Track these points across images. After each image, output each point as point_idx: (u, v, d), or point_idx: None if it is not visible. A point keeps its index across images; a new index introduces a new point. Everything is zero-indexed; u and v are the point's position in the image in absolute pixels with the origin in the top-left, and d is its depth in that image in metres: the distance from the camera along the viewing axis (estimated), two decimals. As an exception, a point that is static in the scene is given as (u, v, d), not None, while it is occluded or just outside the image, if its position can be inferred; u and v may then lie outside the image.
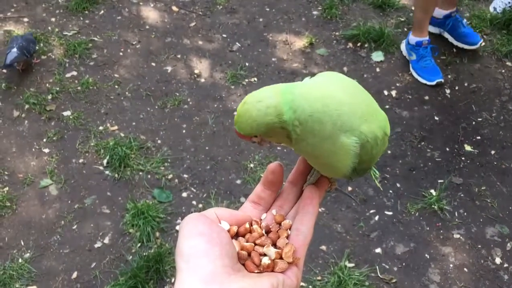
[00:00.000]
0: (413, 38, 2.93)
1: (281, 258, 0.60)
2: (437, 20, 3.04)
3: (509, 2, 3.22)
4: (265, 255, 0.60)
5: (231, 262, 0.56)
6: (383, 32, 3.10)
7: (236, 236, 0.62)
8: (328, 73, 0.68)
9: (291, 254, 0.60)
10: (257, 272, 0.58)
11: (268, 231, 0.64)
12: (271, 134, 0.62)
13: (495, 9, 3.24)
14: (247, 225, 0.63)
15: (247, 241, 0.61)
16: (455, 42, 3.05)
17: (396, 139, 2.66)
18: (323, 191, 0.70)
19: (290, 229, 0.64)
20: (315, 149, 0.63)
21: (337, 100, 0.62)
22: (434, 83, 2.87)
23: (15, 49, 2.77)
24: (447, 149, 2.63)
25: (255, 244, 0.61)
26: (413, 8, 3.30)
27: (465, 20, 3.09)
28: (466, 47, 3.02)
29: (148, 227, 2.27)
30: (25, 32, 3.08)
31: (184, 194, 2.44)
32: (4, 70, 2.90)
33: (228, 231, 0.61)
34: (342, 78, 0.67)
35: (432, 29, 3.09)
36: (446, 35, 3.08)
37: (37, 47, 2.95)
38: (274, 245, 0.62)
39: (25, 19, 3.20)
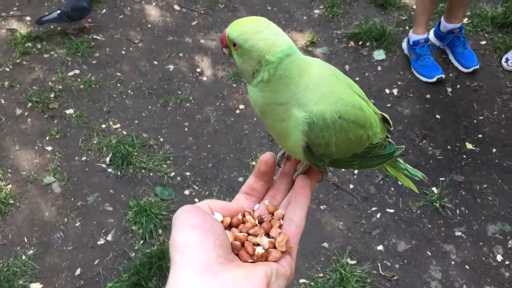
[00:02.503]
0: (412, 36, 2.94)
1: (274, 247, 0.61)
2: (440, 33, 3.03)
3: None
4: (258, 245, 0.61)
5: (225, 252, 0.56)
6: (385, 30, 3.11)
7: (229, 227, 0.63)
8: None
9: (284, 243, 0.61)
10: (251, 262, 0.59)
11: (261, 221, 0.65)
12: (248, 56, 0.64)
13: (507, 60, 3.00)
14: (240, 216, 0.64)
15: (240, 232, 0.62)
16: (452, 59, 3.02)
17: (398, 137, 2.67)
18: (315, 181, 0.71)
19: (282, 219, 0.65)
20: (268, 108, 0.65)
21: (310, 77, 0.64)
22: (434, 79, 2.87)
23: (57, 13, 2.97)
24: (449, 147, 2.64)
25: (248, 234, 0.62)
26: (414, 7, 3.30)
27: (468, 43, 3.02)
28: (460, 67, 2.99)
29: (150, 224, 2.29)
30: None
31: (187, 192, 2.45)
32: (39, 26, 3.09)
33: (222, 222, 0.62)
34: (326, 64, 0.70)
35: (435, 41, 3.08)
36: (447, 50, 3.06)
37: (85, 14, 3.05)
38: (267, 235, 0.63)
39: (28, 18, 3.22)
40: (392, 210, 2.41)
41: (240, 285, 0.53)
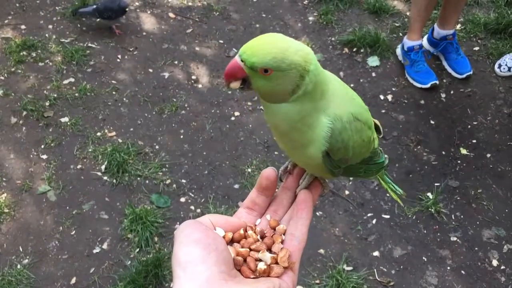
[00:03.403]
0: (406, 42, 2.96)
1: (276, 263, 0.61)
2: (433, 40, 3.06)
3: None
4: (260, 260, 0.61)
5: (227, 268, 0.56)
6: (379, 37, 3.13)
7: (231, 242, 0.63)
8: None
9: (287, 259, 0.61)
10: (253, 278, 0.59)
11: (263, 236, 0.65)
12: (288, 75, 0.61)
13: (500, 66, 3.01)
14: (242, 231, 0.64)
15: (242, 247, 0.62)
16: (445, 65, 3.05)
17: (393, 143, 2.68)
18: (316, 195, 0.71)
19: (284, 234, 0.65)
20: (300, 120, 0.65)
21: (333, 78, 0.67)
22: (428, 85, 2.89)
23: (92, 7, 3.07)
24: (443, 152, 2.65)
25: (251, 250, 0.62)
26: (407, 13, 3.33)
27: (462, 49, 3.04)
28: (453, 73, 3.01)
29: (146, 232, 2.28)
30: None
31: (182, 199, 2.45)
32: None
33: (223, 237, 0.62)
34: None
35: (429, 47, 3.11)
36: (440, 56, 3.08)
37: (115, 16, 3.10)
38: (269, 250, 0.63)
39: (22, 26, 3.21)
40: (387, 216, 2.41)
41: None
